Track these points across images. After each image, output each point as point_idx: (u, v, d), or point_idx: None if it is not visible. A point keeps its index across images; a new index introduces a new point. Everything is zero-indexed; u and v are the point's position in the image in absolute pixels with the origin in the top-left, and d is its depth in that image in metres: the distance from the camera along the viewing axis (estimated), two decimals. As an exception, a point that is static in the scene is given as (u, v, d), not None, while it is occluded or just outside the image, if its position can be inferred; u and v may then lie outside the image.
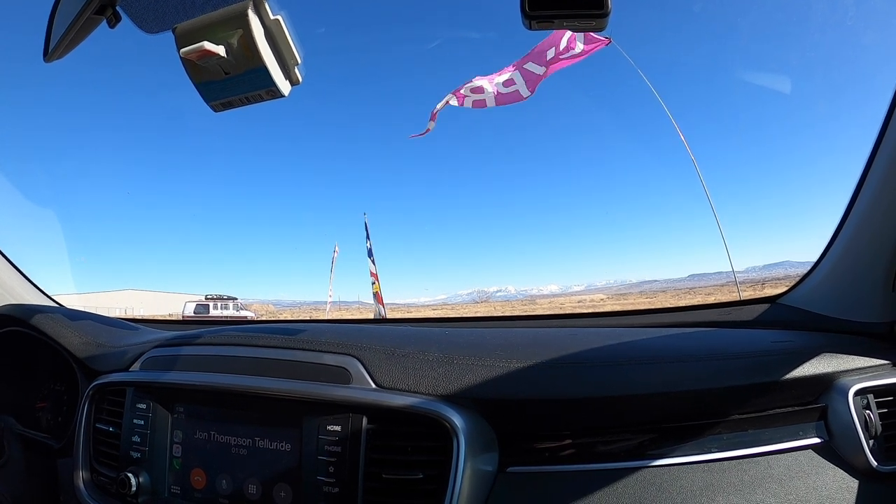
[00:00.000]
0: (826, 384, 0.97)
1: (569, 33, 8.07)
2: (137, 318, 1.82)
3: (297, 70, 0.81)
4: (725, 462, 0.89)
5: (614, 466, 0.90)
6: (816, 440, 0.94)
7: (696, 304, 1.55)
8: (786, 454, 0.91)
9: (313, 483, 0.92)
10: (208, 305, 21.05)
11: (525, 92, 8.59)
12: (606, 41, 8.57)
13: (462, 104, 8.90)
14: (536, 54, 8.44)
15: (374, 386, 0.96)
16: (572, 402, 0.91)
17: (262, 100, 0.82)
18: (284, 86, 0.80)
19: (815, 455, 0.92)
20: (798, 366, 0.94)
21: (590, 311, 2.01)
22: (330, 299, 18.08)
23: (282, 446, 0.97)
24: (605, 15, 0.68)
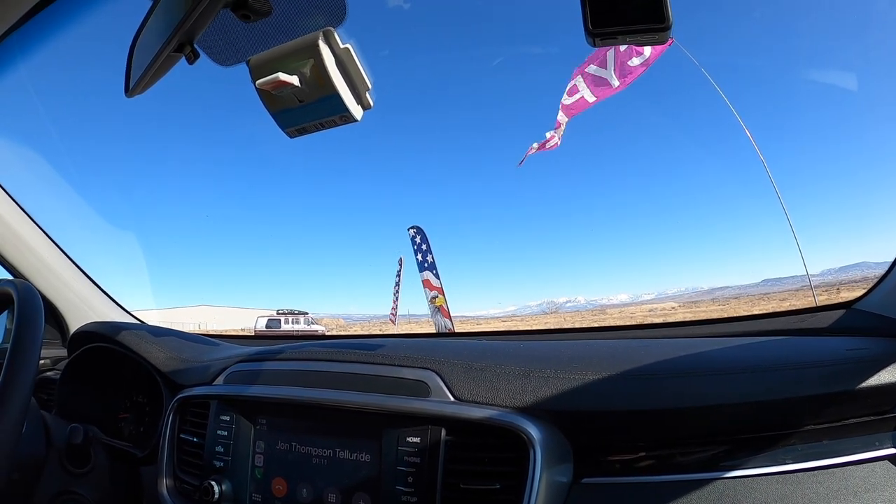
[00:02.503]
0: None
1: None
2: (210, 332, 1.90)
3: (368, 95, 0.83)
4: (800, 473, 0.88)
5: (688, 478, 0.91)
6: (892, 450, 0.92)
7: (770, 311, 1.49)
8: (861, 465, 0.90)
9: (392, 492, 0.96)
10: (280, 320, 21.56)
11: (591, 98, 8.66)
12: (670, 41, 8.56)
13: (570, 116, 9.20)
14: (596, 57, 8.57)
15: (452, 399, 1.00)
16: (646, 414, 0.93)
17: (336, 125, 0.84)
18: (357, 111, 0.82)
19: (891, 466, 0.90)
20: (874, 374, 0.92)
21: (661, 322, 1.97)
22: (394, 313, 18.18)
23: (361, 457, 1.02)
24: (667, 28, 0.69)
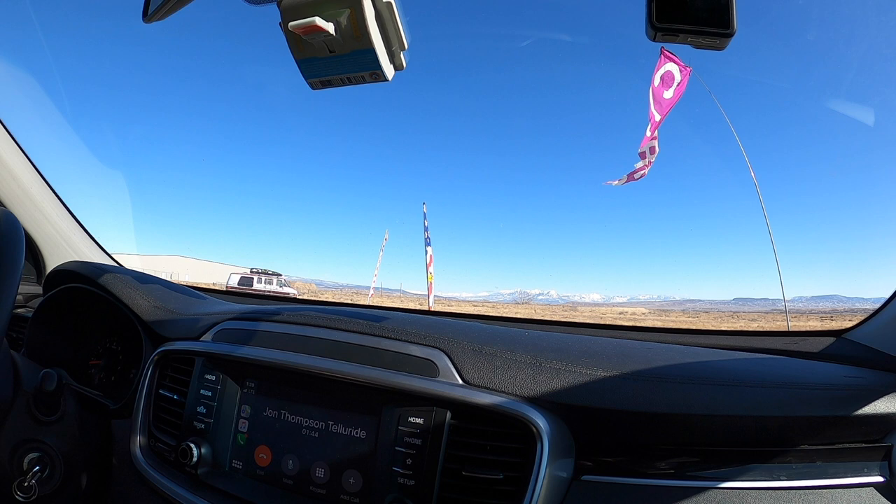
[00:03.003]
0: (893, 424, 0.96)
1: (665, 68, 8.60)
2: (181, 283, 1.85)
3: (402, 55, 0.79)
4: (792, 491, 0.89)
5: (686, 485, 0.90)
6: (879, 479, 0.93)
7: (765, 329, 1.50)
8: (849, 489, 0.91)
9: (387, 473, 0.93)
10: (252, 279, 21.45)
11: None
12: (689, 70, 8.97)
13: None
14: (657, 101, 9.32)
15: (460, 382, 0.97)
16: (655, 417, 0.92)
17: (365, 82, 0.80)
18: (389, 70, 0.78)
19: (877, 494, 0.92)
20: (869, 402, 0.94)
21: (660, 325, 1.98)
22: (374, 285, 18.24)
23: (356, 433, 0.99)
24: (731, 35, 0.69)
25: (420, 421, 0.93)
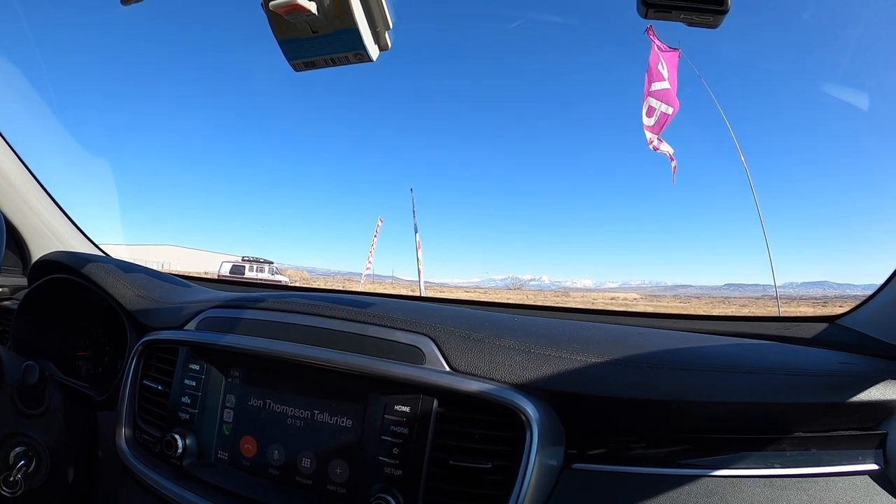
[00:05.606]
0: (888, 411, 0.95)
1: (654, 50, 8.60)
2: (174, 273, 1.84)
3: (387, 35, 0.77)
4: (787, 479, 0.88)
5: (679, 472, 0.89)
6: (874, 466, 0.92)
7: (758, 315, 1.49)
8: (843, 477, 0.90)
9: (374, 462, 0.91)
10: (244, 267, 21.52)
11: (669, 109, 9.08)
12: (678, 52, 8.96)
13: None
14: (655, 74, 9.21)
15: (447, 368, 0.95)
16: (648, 403, 0.90)
17: (349, 63, 0.78)
18: (373, 50, 0.76)
19: (871, 482, 0.90)
20: (864, 389, 0.92)
21: (651, 311, 1.97)
22: (367, 271, 18.29)
23: (342, 422, 0.97)
24: (724, 12, 0.68)
25: (406, 409, 0.91)
